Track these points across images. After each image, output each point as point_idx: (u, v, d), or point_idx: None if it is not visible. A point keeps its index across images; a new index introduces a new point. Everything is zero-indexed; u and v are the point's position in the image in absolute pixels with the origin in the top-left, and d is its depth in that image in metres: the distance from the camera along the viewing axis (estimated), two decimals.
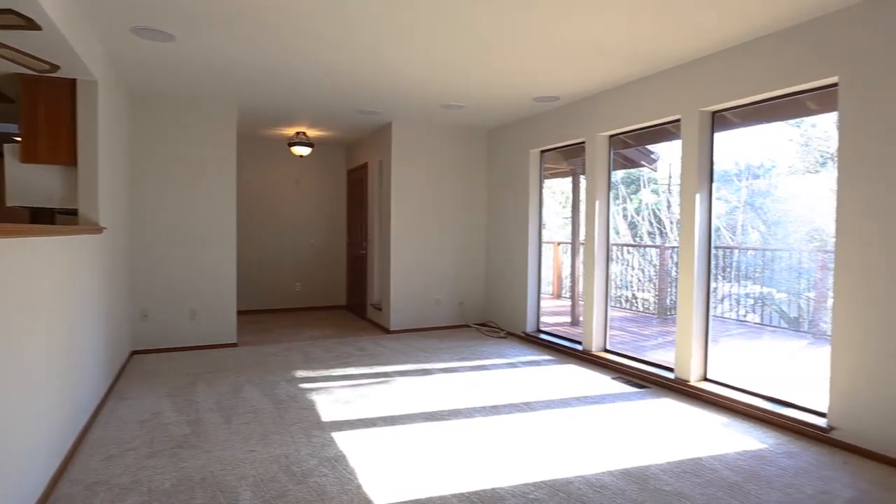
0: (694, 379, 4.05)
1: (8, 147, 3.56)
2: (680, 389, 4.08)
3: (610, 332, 5.22)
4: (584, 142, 5.21)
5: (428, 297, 6.61)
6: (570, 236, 7.35)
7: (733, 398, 3.70)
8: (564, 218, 11.99)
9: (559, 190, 12.15)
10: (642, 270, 8.31)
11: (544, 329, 6.18)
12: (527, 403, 3.84)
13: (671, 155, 8.70)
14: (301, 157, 7.41)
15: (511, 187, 6.39)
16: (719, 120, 4.04)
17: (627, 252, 8.61)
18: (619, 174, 10.90)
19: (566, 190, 11.11)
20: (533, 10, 3.12)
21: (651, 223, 11.74)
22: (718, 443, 3.15)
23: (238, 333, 5.82)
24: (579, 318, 6.25)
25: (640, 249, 9.06)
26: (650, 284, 8.07)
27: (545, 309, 6.69)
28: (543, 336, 5.90)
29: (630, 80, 4.55)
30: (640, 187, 11.99)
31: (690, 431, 3.33)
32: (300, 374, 4.56)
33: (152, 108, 5.20)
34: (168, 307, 5.30)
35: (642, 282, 8.27)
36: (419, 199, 6.52)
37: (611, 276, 5.17)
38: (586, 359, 5.09)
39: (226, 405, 3.72)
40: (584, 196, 5.30)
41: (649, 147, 7.04)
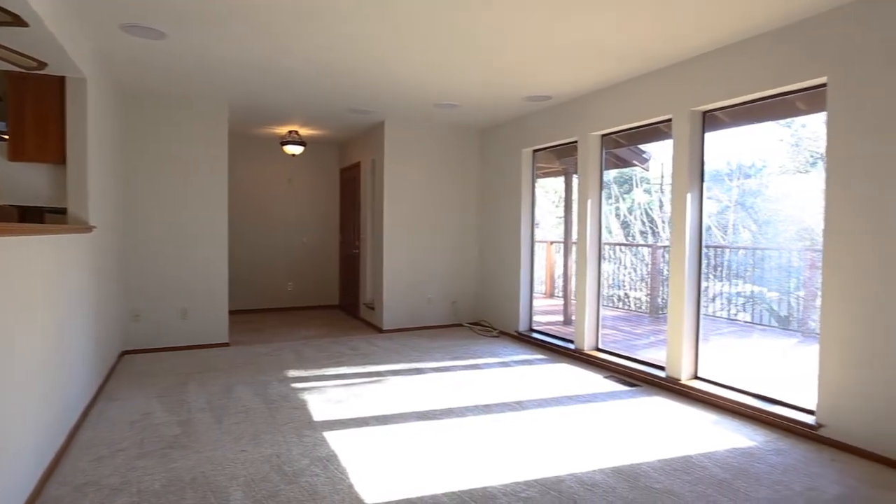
0: (685, 377, 4.08)
1: None
2: (671, 388, 4.11)
3: (602, 331, 5.24)
4: (576, 141, 5.23)
5: (421, 297, 6.60)
6: (563, 235, 7.36)
7: (723, 396, 3.72)
8: (558, 217, 12.02)
9: (552, 189, 12.19)
10: (634, 269, 8.35)
11: (537, 328, 6.19)
12: (519, 402, 3.85)
13: (663, 154, 8.74)
14: (293, 155, 7.38)
15: (504, 186, 6.40)
16: (710, 120, 4.07)
17: (620, 251, 8.65)
18: (611, 173, 10.94)
19: (559, 189, 11.14)
20: (528, 9, 3.13)
21: (643, 222, 11.80)
22: (708, 440, 3.17)
23: (230, 333, 5.80)
24: (572, 318, 6.27)
25: (633, 248, 9.10)
26: (642, 283, 8.11)
27: (538, 308, 6.71)
28: (536, 335, 5.92)
29: (622, 79, 4.56)
30: (633, 187, 12.05)
31: (681, 429, 3.35)
32: (292, 373, 4.54)
33: (143, 105, 5.17)
34: (159, 307, 5.27)
35: (634, 281, 8.31)
36: (412, 198, 6.52)
37: (603, 276, 5.19)
38: (578, 358, 5.11)
39: (217, 405, 3.70)
40: (576, 195, 5.32)
41: (641, 146, 7.08)
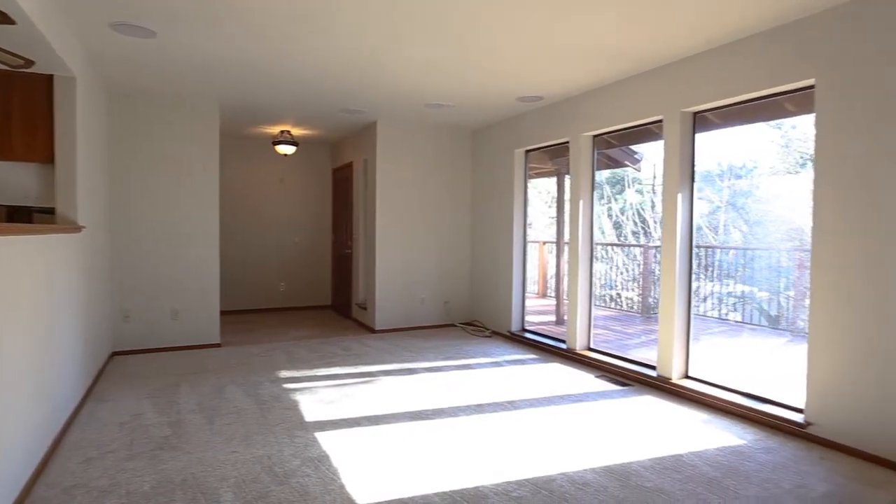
0: (675, 377, 4.10)
1: None
2: (662, 387, 4.13)
3: (594, 331, 5.26)
4: (568, 142, 5.25)
5: (413, 297, 6.60)
6: (556, 235, 7.38)
7: (714, 395, 3.75)
8: (550, 217, 12.05)
9: (545, 189, 12.21)
10: (626, 269, 8.39)
11: (529, 328, 6.21)
12: (511, 402, 3.86)
13: (655, 155, 8.79)
14: (285, 155, 7.35)
15: (496, 187, 6.41)
16: (701, 121, 4.09)
17: (612, 251, 8.69)
18: (603, 174, 11.00)
19: (552, 189, 11.16)
20: (522, 10, 3.13)
21: (635, 223, 11.86)
22: (699, 439, 3.19)
23: (221, 333, 5.77)
24: (564, 317, 6.29)
25: (625, 249, 9.14)
26: (634, 283, 8.16)
27: (530, 308, 6.73)
28: (528, 335, 5.93)
29: (613, 80, 4.58)
30: (625, 187, 12.11)
31: (671, 428, 3.37)
32: (284, 374, 4.53)
33: (134, 104, 5.13)
34: (150, 307, 5.23)
35: (626, 281, 8.35)
36: (404, 198, 6.51)
37: (595, 276, 5.21)
38: (570, 357, 5.13)
39: (208, 406, 3.68)
40: (568, 196, 5.33)
41: (633, 147, 7.12)
